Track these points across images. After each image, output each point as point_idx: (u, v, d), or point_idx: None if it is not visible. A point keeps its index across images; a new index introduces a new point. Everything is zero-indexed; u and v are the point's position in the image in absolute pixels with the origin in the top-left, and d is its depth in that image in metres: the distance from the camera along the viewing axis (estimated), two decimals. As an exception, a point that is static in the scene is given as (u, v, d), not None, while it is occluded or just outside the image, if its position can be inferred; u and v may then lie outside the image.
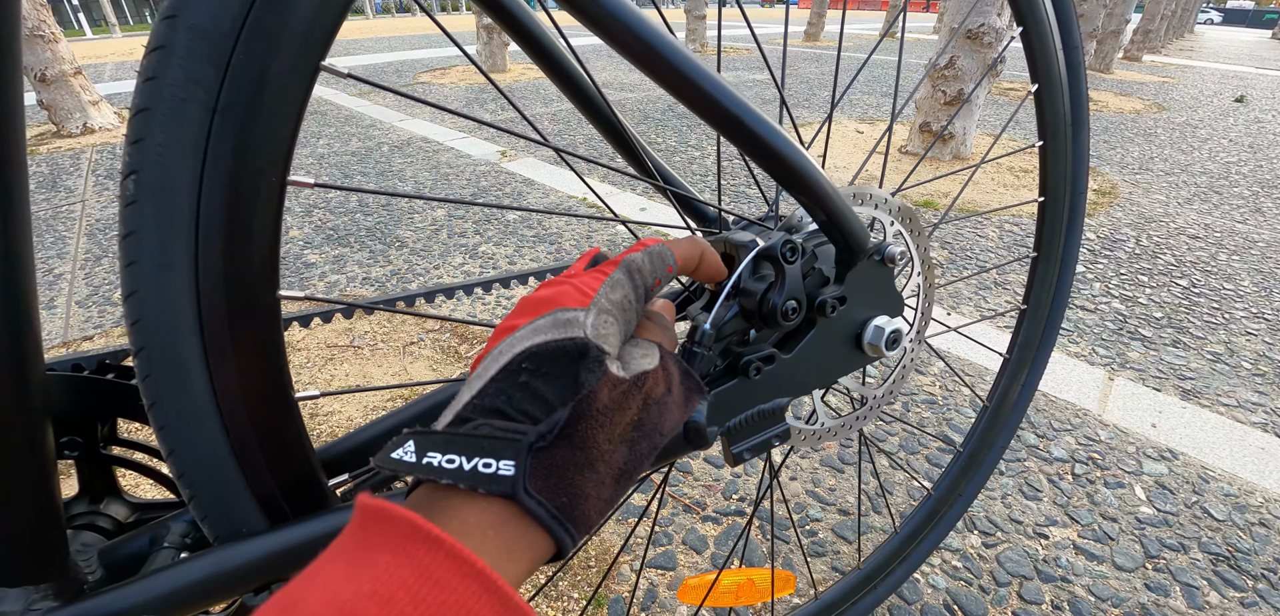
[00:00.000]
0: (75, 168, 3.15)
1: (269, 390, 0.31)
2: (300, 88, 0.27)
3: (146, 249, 0.26)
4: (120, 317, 1.68)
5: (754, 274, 0.44)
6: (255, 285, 0.29)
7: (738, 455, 0.45)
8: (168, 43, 0.25)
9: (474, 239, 2.12)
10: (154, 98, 0.25)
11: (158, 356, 0.28)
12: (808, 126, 3.83)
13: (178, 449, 0.30)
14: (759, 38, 0.70)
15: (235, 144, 0.26)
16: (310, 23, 0.26)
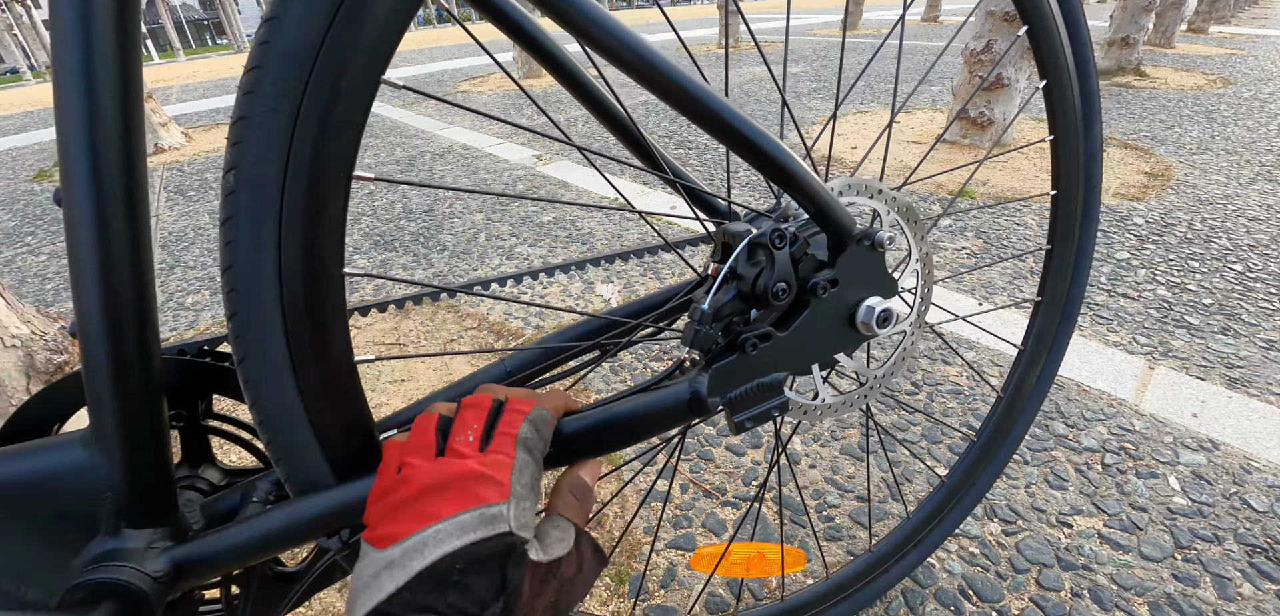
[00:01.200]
0: (150, 184, 3.41)
1: (336, 356, 0.37)
2: (365, 98, 0.33)
3: (242, 231, 0.33)
4: (192, 320, 1.83)
5: (750, 260, 0.49)
6: (326, 263, 0.35)
7: (740, 424, 0.51)
8: (261, 63, 0.31)
9: (510, 241, 2.21)
10: (251, 108, 0.31)
11: (247, 321, 0.34)
12: (842, 118, 3.79)
13: (261, 402, 0.36)
14: (794, 30, 0.74)
15: (313, 145, 0.32)
16: (373, 45, 0.32)
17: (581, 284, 1.85)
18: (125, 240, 0.33)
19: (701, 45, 8.93)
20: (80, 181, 0.31)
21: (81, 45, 0.29)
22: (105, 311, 0.32)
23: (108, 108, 0.30)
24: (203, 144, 4.34)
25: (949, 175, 2.59)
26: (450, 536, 0.30)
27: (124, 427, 0.34)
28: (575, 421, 0.44)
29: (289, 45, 0.31)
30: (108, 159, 0.31)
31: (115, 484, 0.35)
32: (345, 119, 0.33)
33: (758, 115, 4.04)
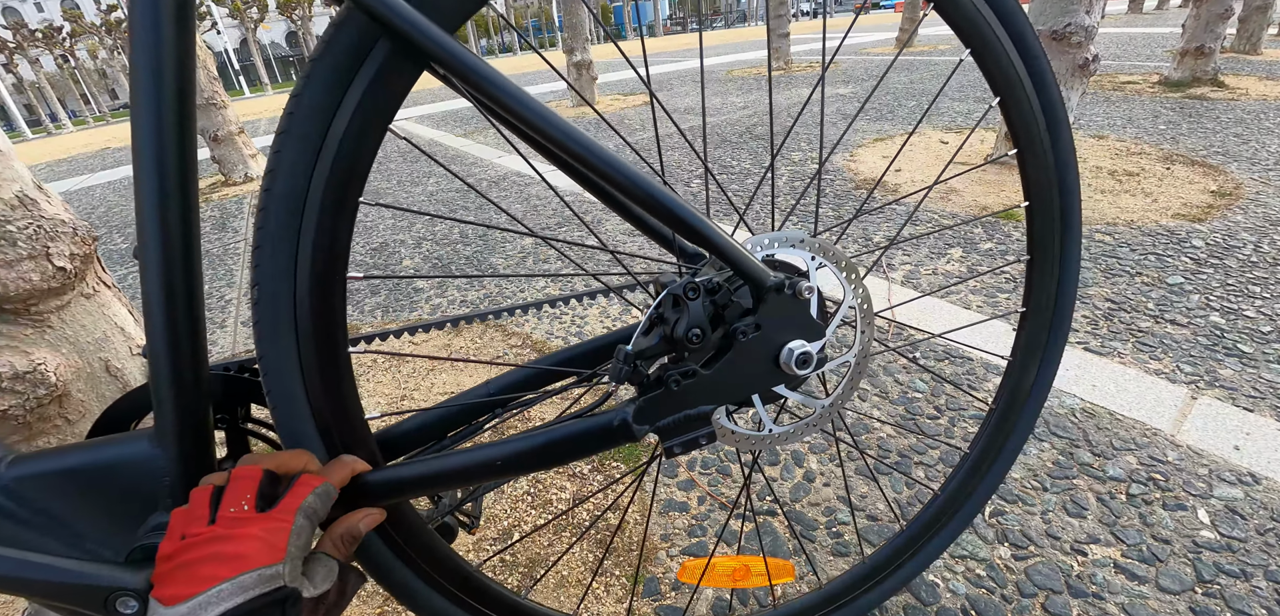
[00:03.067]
0: (239, 212, 3.76)
1: (330, 353, 0.48)
2: (372, 143, 0.44)
3: (265, 260, 0.45)
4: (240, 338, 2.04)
5: (674, 308, 0.56)
6: (337, 265, 0.46)
7: (670, 449, 0.57)
8: (287, 133, 0.43)
9: (557, 264, 2.34)
10: (284, 140, 0.43)
11: (266, 302, 0.46)
12: (889, 141, 3.76)
13: (278, 409, 0.48)
14: (847, 48, 0.81)
15: (328, 180, 0.44)
16: (381, 105, 0.44)
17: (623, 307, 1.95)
18: (182, 285, 0.44)
19: (750, 68, 8.98)
20: (152, 243, 0.43)
21: (155, 142, 0.41)
22: (167, 338, 0.44)
23: (172, 188, 0.42)
24: (285, 173, 4.73)
25: (990, 197, 2.55)
26: (232, 595, 0.37)
27: (177, 428, 0.46)
28: (520, 441, 0.53)
29: (315, 98, 0.43)
30: (171, 227, 0.43)
31: (170, 471, 0.46)
32: (355, 158, 0.45)
33: (797, 135, 4.06)
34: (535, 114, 0.46)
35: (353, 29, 0.43)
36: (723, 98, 6.23)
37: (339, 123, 0.43)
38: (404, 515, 0.58)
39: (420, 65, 0.44)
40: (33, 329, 0.70)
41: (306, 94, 0.43)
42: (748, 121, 4.73)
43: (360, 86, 0.43)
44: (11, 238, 0.64)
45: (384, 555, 0.58)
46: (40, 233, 0.66)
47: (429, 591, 0.61)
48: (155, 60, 0.40)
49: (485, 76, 0.44)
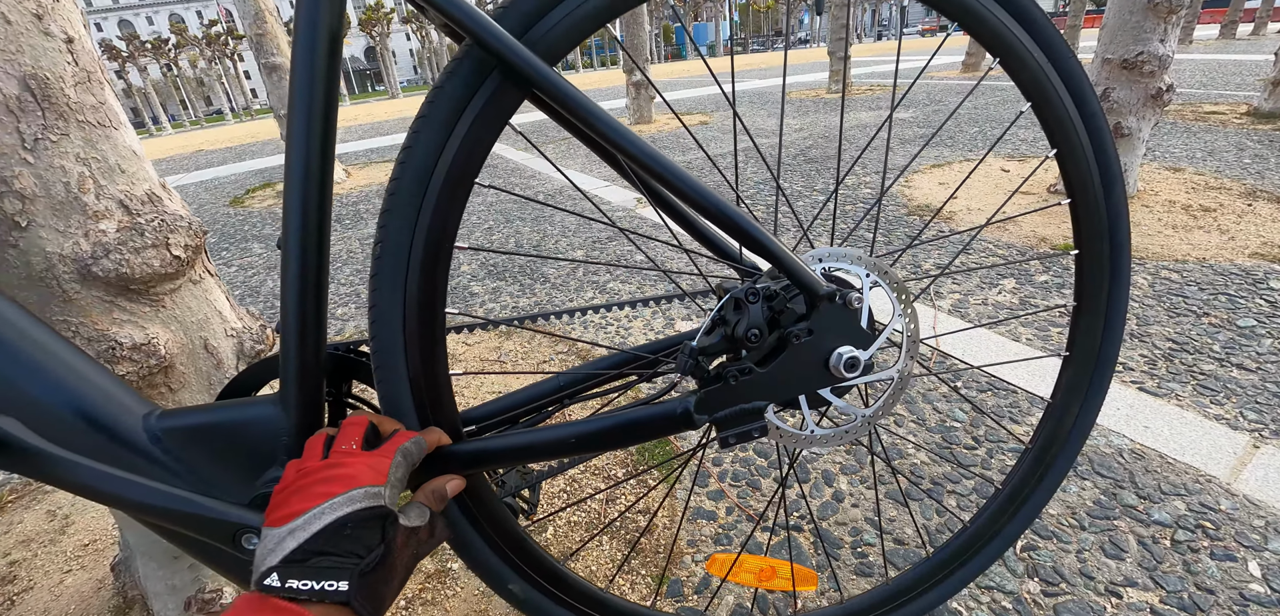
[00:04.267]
0: (315, 214, 4.04)
1: (437, 361, 0.56)
2: (482, 153, 0.53)
3: (383, 273, 0.52)
4: (339, 328, 2.20)
5: (736, 311, 0.62)
6: (436, 280, 0.54)
7: (725, 439, 0.63)
8: (413, 144, 0.51)
9: (605, 276, 2.42)
10: (413, 141, 0.52)
11: (381, 332, 0.53)
12: (946, 167, 3.69)
13: (386, 387, 0.55)
14: (907, 73, 0.87)
15: (434, 205, 0.52)
16: (490, 121, 0.52)
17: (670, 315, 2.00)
18: (314, 276, 0.53)
19: (808, 90, 8.93)
20: (294, 238, 0.52)
21: (304, 155, 0.50)
22: (298, 319, 0.52)
23: (314, 193, 0.51)
24: (359, 179, 5.03)
25: (1049, 229, 2.47)
26: (342, 505, 0.43)
27: (298, 396, 0.54)
28: (592, 423, 0.59)
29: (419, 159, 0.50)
30: (310, 227, 0.52)
31: (289, 431, 0.54)
32: (455, 193, 0.52)
33: (849, 159, 4.03)
34: (618, 135, 0.54)
35: (472, 61, 0.52)
36: (778, 119, 6.23)
37: (457, 133, 0.52)
38: (478, 487, 0.65)
39: (524, 91, 0.53)
40: (150, 308, 0.81)
41: (432, 112, 0.52)
42: (802, 143, 4.72)
43: (477, 105, 0.52)
44: (141, 229, 0.76)
45: (459, 521, 0.65)
46: (163, 225, 0.78)
47: (491, 553, 0.68)
48: (310, 87, 0.50)
49: (579, 102, 0.53)
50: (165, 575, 1.05)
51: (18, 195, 0.68)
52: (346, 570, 0.41)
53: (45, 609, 1.21)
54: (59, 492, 1.57)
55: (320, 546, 0.42)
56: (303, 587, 0.40)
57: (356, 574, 0.41)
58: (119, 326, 0.78)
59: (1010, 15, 0.65)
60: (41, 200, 0.69)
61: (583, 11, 0.53)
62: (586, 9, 0.53)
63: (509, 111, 0.53)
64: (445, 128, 0.52)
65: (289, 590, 0.40)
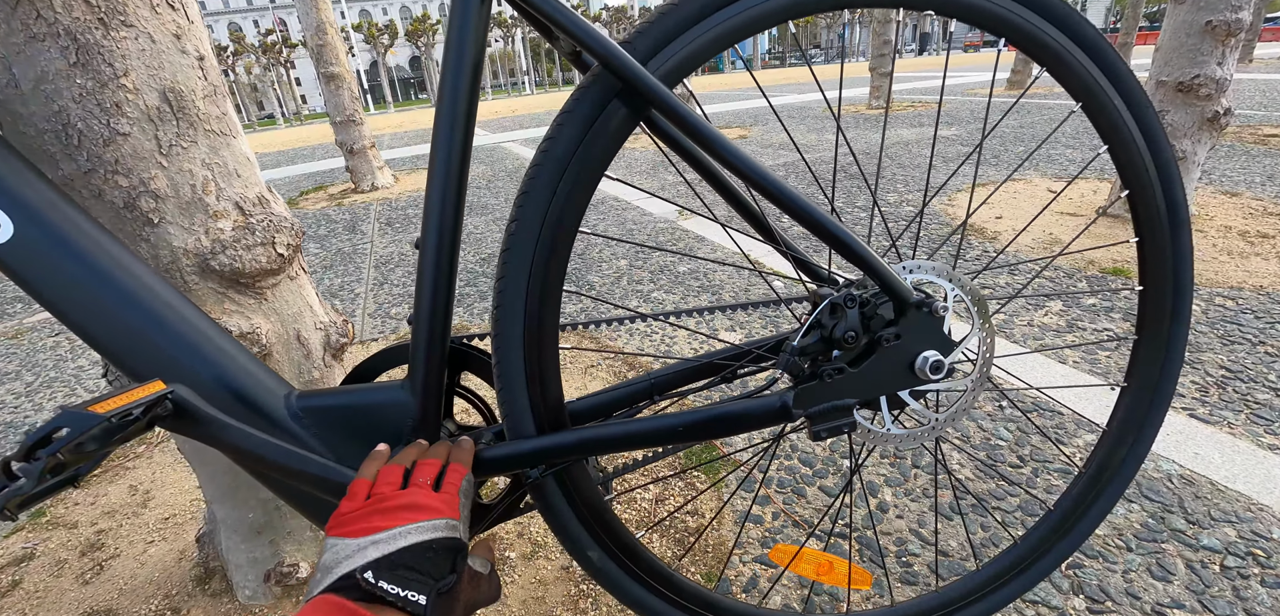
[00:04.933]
0: (366, 216, 4.20)
1: (549, 354, 0.62)
2: (602, 168, 0.58)
3: (510, 271, 0.59)
4: (393, 328, 2.30)
5: (832, 315, 0.67)
6: (552, 295, 0.60)
7: (817, 433, 0.68)
8: (542, 160, 0.57)
9: (649, 287, 2.47)
10: (530, 184, 0.58)
11: (504, 325, 0.60)
12: (990, 187, 3.65)
13: (504, 376, 0.62)
14: (952, 89, 0.91)
15: (556, 215, 0.58)
16: (598, 161, 0.58)
17: (723, 324, 2.05)
18: (445, 274, 0.60)
19: (848, 106, 8.88)
20: (431, 238, 0.58)
21: (445, 166, 0.57)
22: (430, 312, 0.59)
23: (451, 200, 0.58)
24: (406, 184, 5.21)
25: (1099, 250, 2.44)
26: (428, 530, 0.48)
27: (424, 382, 0.61)
28: (697, 414, 0.64)
29: (560, 151, 0.58)
30: (445, 229, 0.58)
31: (414, 414, 0.61)
32: (578, 196, 0.59)
33: (896, 177, 4.01)
34: (728, 150, 0.60)
35: (599, 86, 0.58)
36: (819, 134, 6.22)
37: (583, 150, 0.58)
38: (578, 473, 0.71)
39: (644, 112, 0.59)
40: (254, 300, 0.90)
41: (564, 131, 0.58)
42: (842, 160, 4.71)
43: (602, 124, 0.58)
44: (252, 228, 0.84)
45: (552, 489, 0.70)
46: (270, 225, 0.86)
47: (576, 521, 0.73)
48: (453, 107, 0.56)
49: (696, 122, 0.59)
50: (248, 548, 1.13)
51: (153, 194, 0.76)
52: (427, 587, 0.45)
53: (131, 575, 1.31)
54: (139, 469, 1.68)
55: (407, 561, 0.46)
56: (391, 591, 0.44)
57: (434, 591, 0.46)
58: (228, 315, 0.87)
59: (1096, 65, 0.68)
60: (171, 200, 0.78)
61: (700, 42, 0.58)
62: (702, 41, 0.58)
63: (629, 130, 0.60)
64: (571, 146, 0.57)
65: (380, 588, 0.44)
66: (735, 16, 0.57)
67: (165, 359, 0.56)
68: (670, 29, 0.58)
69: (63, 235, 0.55)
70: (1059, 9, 0.66)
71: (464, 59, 0.56)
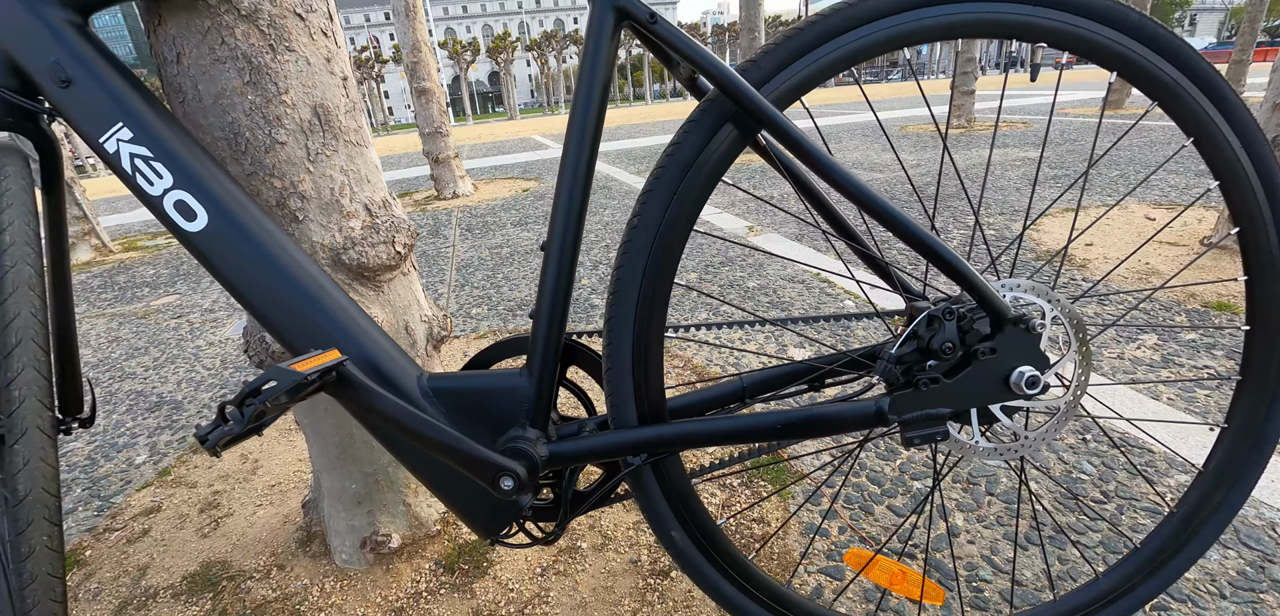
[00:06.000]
0: (448, 221, 4.45)
1: (654, 349, 0.68)
2: (712, 183, 0.64)
3: (624, 279, 0.65)
4: (474, 327, 2.44)
5: (928, 326, 0.70)
6: (658, 303, 0.66)
7: (909, 439, 0.71)
8: (660, 174, 0.64)
9: (718, 301, 2.51)
10: (648, 195, 0.65)
11: (615, 323, 0.67)
12: (1083, 212, 3.46)
13: (612, 366, 0.68)
14: (1038, 109, 0.93)
15: (671, 220, 0.64)
16: (710, 176, 0.64)
17: (791, 340, 2.07)
18: (567, 277, 0.67)
19: (926, 124, 8.61)
20: (556, 242, 0.66)
21: (572, 178, 0.64)
22: (550, 308, 0.66)
23: (575, 208, 0.65)
24: (485, 193, 5.47)
25: (1203, 285, 2.28)
26: None
27: (541, 372, 0.68)
28: (793, 414, 0.68)
29: (670, 182, 0.64)
30: (568, 234, 0.65)
31: (530, 400, 0.68)
32: (687, 212, 0.65)
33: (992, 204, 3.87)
34: (835, 169, 0.64)
35: (715, 109, 0.64)
36: (892, 153, 6.07)
37: (698, 165, 0.64)
38: (671, 464, 0.76)
39: (753, 133, 0.65)
40: (373, 292, 1.01)
41: (682, 147, 0.64)
42: (918, 180, 4.60)
43: (717, 143, 0.64)
44: (377, 228, 0.95)
45: (644, 469, 0.75)
46: (392, 226, 0.97)
47: (664, 502, 0.77)
48: (583, 127, 0.64)
49: (807, 143, 0.64)
50: (348, 516, 1.25)
51: (300, 195, 0.88)
52: None
53: (242, 532, 1.46)
54: (250, 440, 1.87)
55: None
56: None
57: None
58: (352, 304, 0.98)
59: (1209, 99, 0.68)
60: (314, 201, 0.90)
61: (815, 67, 0.63)
62: (817, 65, 0.63)
63: (739, 149, 0.65)
64: (687, 163, 0.63)
65: None
66: (850, 43, 0.62)
67: (324, 336, 0.65)
68: (786, 56, 0.63)
69: (245, 226, 0.66)
70: (1172, 43, 0.66)
71: (595, 82, 0.63)
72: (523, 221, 4.34)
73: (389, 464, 1.21)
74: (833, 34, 0.63)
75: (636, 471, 0.73)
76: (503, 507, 0.72)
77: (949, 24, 0.63)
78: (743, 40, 6.49)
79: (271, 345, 0.98)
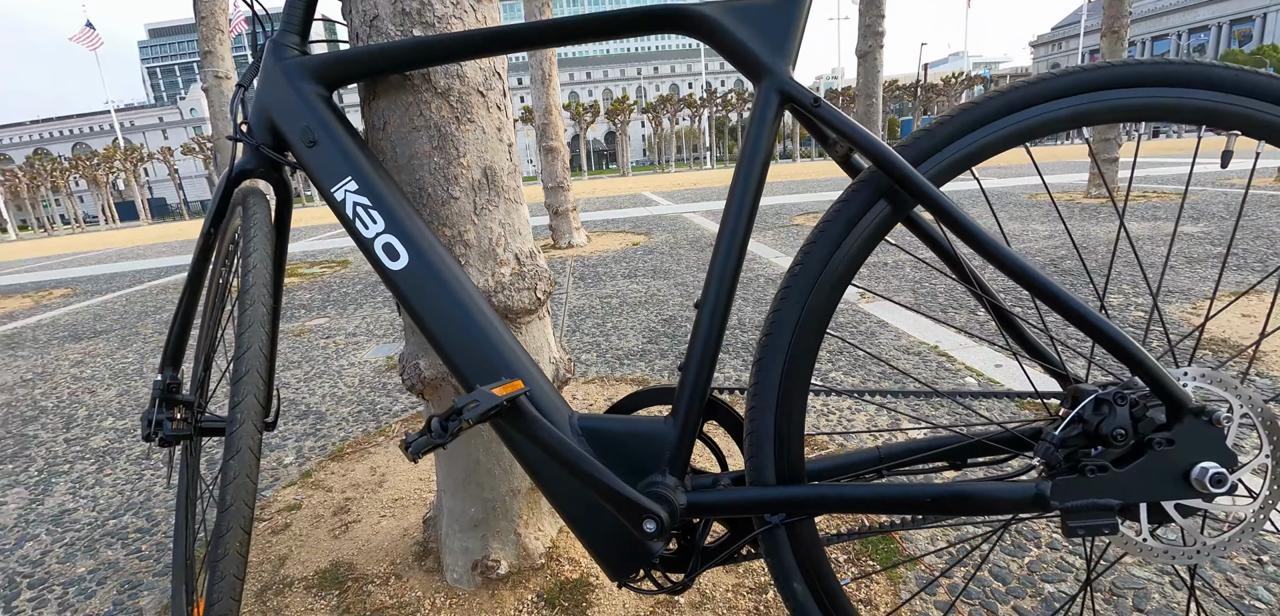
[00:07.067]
0: (562, 270, 4.71)
1: (796, 414, 0.71)
2: (851, 272, 0.67)
3: (773, 344, 0.69)
4: (583, 371, 2.55)
5: (1095, 411, 0.67)
6: (804, 371, 0.69)
7: (1072, 529, 0.67)
8: (813, 246, 0.68)
9: (826, 366, 2.47)
10: (801, 263, 0.68)
11: (761, 388, 0.70)
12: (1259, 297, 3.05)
13: (754, 426, 0.71)
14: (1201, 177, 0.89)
15: (820, 291, 0.67)
16: (861, 250, 0.67)
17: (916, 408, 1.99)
18: (717, 335, 0.71)
19: (1062, 193, 7.99)
20: (711, 301, 0.71)
21: (730, 239, 0.69)
22: (699, 361, 0.71)
23: (731, 269, 0.70)
24: (598, 244, 5.74)
25: None
26: None
27: (685, 422, 0.72)
28: (945, 488, 0.67)
29: (822, 253, 0.67)
30: (722, 298, 0.70)
31: (672, 448, 0.72)
32: (835, 287, 0.68)
33: (1122, 277, 3.52)
34: (993, 246, 0.64)
35: (869, 186, 0.67)
36: (1023, 224, 5.70)
37: (849, 240, 0.67)
38: (804, 525, 0.76)
39: (906, 209, 0.67)
40: (513, 332, 1.11)
41: (831, 227, 0.68)
42: (1053, 252, 4.27)
43: (871, 220, 0.67)
44: (524, 275, 1.06)
45: (785, 551, 0.76)
46: (535, 274, 1.08)
47: (790, 553, 0.77)
48: (743, 196, 0.69)
49: (963, 218, 0.65)
50: (463, 538, 1.34)
51: (464, 243, 1.00)
52: None
53: (367, 538, 1.60)
54: (378, 454, 2.06)
55: None
56: None
57: None
58: (496, 342, 1.09)
59: None
60: (475, 248, 1.02)
61: (979, 144, 0.65)
62: (981, 142, 0.65)
63: (892, 224, 0.67)
64: (839, 238, 0.67)
65: None
66: (1020, 123, 0.63)
67: (496, 370, 0.74)
68: (949, 134, 0.64)
69: (436, 269, 0.78)
70: None
71: (757, 158, 0.68)
72: (632, 273, 4.51)
73: (507, 493, 1.30)
74: (1010, 110, 0.63)
75: (770, 529, 0.74)
76: (636, 550, 0.75)
77: (1133, 107, 0.62)
78: (859, 106, 6.43)
79: (424, 372, 1.10)
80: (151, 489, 1.97)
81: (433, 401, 1.13)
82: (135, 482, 2.03)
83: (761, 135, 0.68)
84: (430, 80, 0.92)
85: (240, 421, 0.73)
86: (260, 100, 0.87)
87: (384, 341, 3.33)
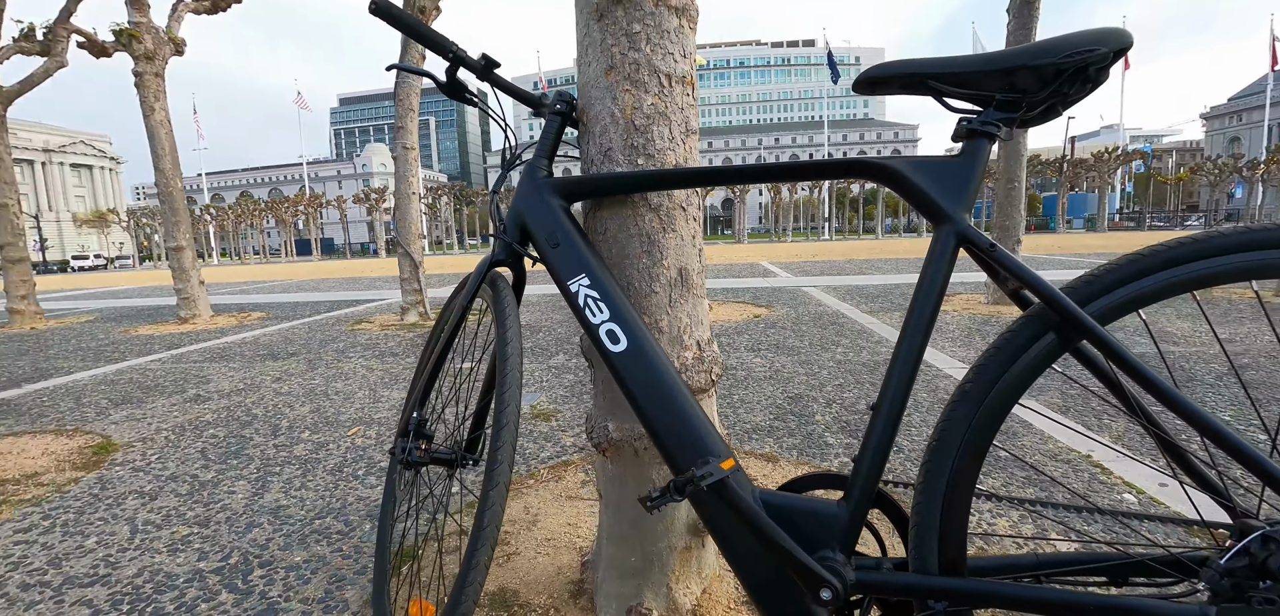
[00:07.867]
0: (685, 336, 4.90)
1: (964, 507, 0.80)
2: (1016, 393, 0.76)
3: (940, 454, 0.80)
4: (713, 442, 2.67)
5: (1263, 545, 0.69)
6: (970, 475, 0.79)
7: None
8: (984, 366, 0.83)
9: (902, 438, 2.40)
10: (971, 382, 0.79)
11: (927, 491, 0.81)
12: None
13: (921, 519, 0.81)
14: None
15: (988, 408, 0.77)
16: (1026, 375, 0.77)
17: (1032, 527, 1.92)
18: (891, 431, 0.81)
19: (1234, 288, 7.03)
20: (886, 407, 0.82)
21: (910, 350, 0.80)
22: (875, 456, 0.82)
23: (904, 383, 0.81)
24: (719, 314, 5.89)
25: None
26: None
27: (855, 508, 0.83)
28: (1107, 600, 0.72)
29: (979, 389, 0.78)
30: (898, 400, 0.82)
31: (843, 528, 0.84)
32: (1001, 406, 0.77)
33: None
34: (1159, 384, 0.69)
35: (1038, 320, 0.74)
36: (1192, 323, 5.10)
37: (1017, 366, 0.76)
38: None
39: (1072, 343, 0.75)
40: (687, 406, 1.28)
41: (1001, 352, 0.77)
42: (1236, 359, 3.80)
43: (1038, 350, 0.75)
44: (702, 359, 1.24)
45: None
46: (710, 359, 1.25)
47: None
48: (918, 324, 0.80)
49: (1129, 357, 0.70)
50: (619, 584, 1.49)
51: (658, 330, 1.20)
52: None
53: (527, 571, 1.78)
54: (530, 495, 2.28)
55: None
56: None
57: None
58: (674, 415, 1.26)
59: None
60: (666, 335, 1.21)
61: (1142, 289, 0.71)
62: (1145, 288, 0.70)
63: (1057, 355, 0.74)
64: (1008, 362, 0.77)
65: None
66: (1188, 273, 0.69)
67: (697, 447, 0.90)
68: (1115, 279, 0.72)
69: (648, 354, 0.96)
70: None
71: (933, 291, 0.80)
72: (755, 347, 4.58)
73: (665, 549, 1.45)
74: (1170, 262, 0.70)
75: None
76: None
77: None
78: (1000, 189, 6.17)
79: (612, 433, 1.29)
80: (345, 498, 2.33)
81: (612, 459, 1.32)
82: (333, 491, 2.40)
83: (938, 271, 0.80)
84: (646, 198, 1.14)
85: (500, 462, 0.95)
86: (516, 207, 1.13)
87: (527, 389, 3.66)
